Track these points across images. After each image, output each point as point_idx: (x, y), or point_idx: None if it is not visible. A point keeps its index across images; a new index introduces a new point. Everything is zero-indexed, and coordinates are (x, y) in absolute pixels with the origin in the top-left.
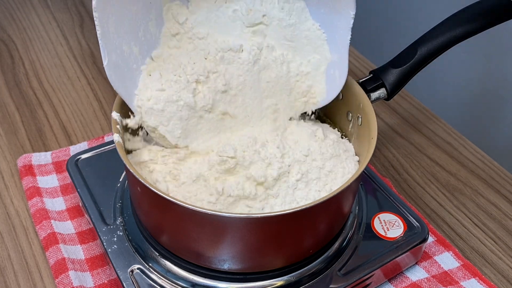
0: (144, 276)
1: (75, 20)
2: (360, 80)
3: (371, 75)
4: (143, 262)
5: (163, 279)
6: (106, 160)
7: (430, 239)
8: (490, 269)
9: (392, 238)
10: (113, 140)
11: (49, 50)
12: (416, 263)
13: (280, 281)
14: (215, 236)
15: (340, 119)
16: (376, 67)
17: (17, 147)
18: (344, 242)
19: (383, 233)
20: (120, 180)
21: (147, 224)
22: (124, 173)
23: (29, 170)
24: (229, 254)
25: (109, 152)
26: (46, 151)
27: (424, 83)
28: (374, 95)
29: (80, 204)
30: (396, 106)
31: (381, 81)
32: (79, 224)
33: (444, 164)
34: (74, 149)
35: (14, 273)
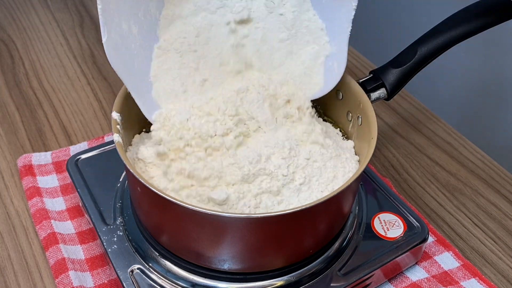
0: (144, 276)
1: (75, 20)
2: (360, 80)
3: (371, 75)
4: (143, 262)
5: (163, 279)
6: (106, 160)
7: (430, 239)
8: (490, 269)
9: (392, 238)
10: (113, 140)
11: (49, 50)
12: (416, 263)
13: (280, 281)
14: (215, 236)
15: (340, 119)
16: (376, 67)
17: (17, 147)
18: (344, 242)
19: (383, 233)
20: (120, 180)
21: (147, 224)
22: (124, 173)
23: (29, 170)
24: (229, 254)
25: (109, 152)
26: (46, 151)
27: (424, 83)
28: (374, 95)
29: (80, 204)
30: (396, 106)
31: (381, 81)
32: (79, 224)
33: (444, 164)
34: (74, 149)
35: (14, 273)
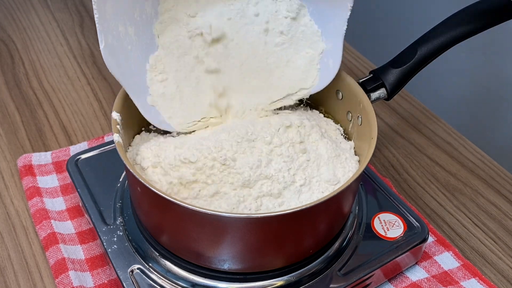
0: (144, 276)
1: (75, 20)
2: (360, 80)
3: (371, 75)
4: (143, 262)
5: (163, 279)
6: (106, 160)
7: (430, 239)
8: (490, 269)
9: (392, 238)
10: (113, 140)
11: (49, 50)
12: (416, 263)
13: (280, 281)
14: (215, 236)
15: (340, 119)
16: (376, 67)
17: (17, 147)
18: (344, 242)
19: (383, 233)
20: (120, 180)
21: (147, 224)
22: (124, 173)
23: (29, 170)
24: (229, 254)
25: (109, 152)
26: (46, 151)
27: (424, 83)
28: (374, 95)
29: (80, 204)
30: (396, 106)
31: (381, 81)
32: (79, 224)
33: (444, 164)
34: (74, 149)
35: (14, 273)
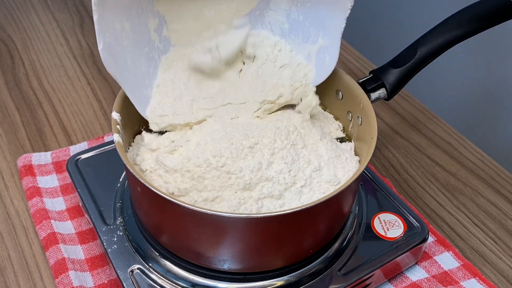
0: (144, 276)
1: (75, 20)
2: (360, 80)
3: (371, 75)
4: (143, 262)
5: (163, 279)
6: (106, 160)
7: (430, 239)
8: (490, 269)
9: (392, 238)
10: (113, 140)
11: (49, 50)
12: (416, 263)
13: (280, 281)
14: (215, 236)
15: (340, 119)
16: (376, 67)
17: (17, 147)
18: (344, 242)
19: (383, 233)
20: (120, 180)
21: (147, 224)
22: (124, 173)
23: (29, 170)
24: (229, 254)
25: (109, 152)
26: (46, 151)
27: (424, 83)
28: (374, 95)
29: (80, 204)
30: (396, 106)
31: (381, 81)
32: (79, 224)
33: (444, 164)
34: (74, 149)
35: (14, 273)
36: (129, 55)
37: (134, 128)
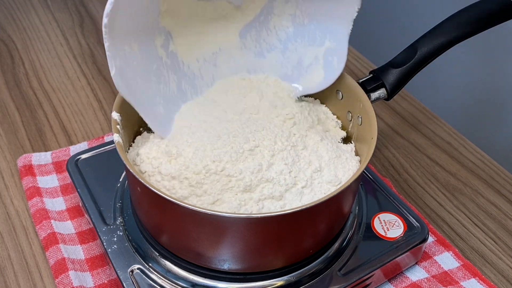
0: (144, 276)
1: (75, 20)
2: (360, 80)
3: (371, 75)
4: (143, 262)
5: (163, 279)
6: (106, 160)
7: (430, 239)
8: (490, 269)
9: (392, 238)
10: (113, 140)
11: (49, 50)
12: (416, 263)
13: (280, 281)
14: (215, 236)
15: (340, 119)
16: (376, 67)
17: (17, 147)
18: (344, 242)
19: (383, 233)
20: (120, 180)
21: (147, 224)
22: (124, 173)
23: (29, 170)
24: (229, 254)
25: (109, 152)
26: (46, 151)
27: (424, 83)
28: (374, 95)
29: (80, 204)
30: (396, 106)
31: (381, 81)
32: (79, 224)
33: (444, 164)
34: (74, 149)
35: (14, 273)
36: (139, 75)
37: (134, 128)
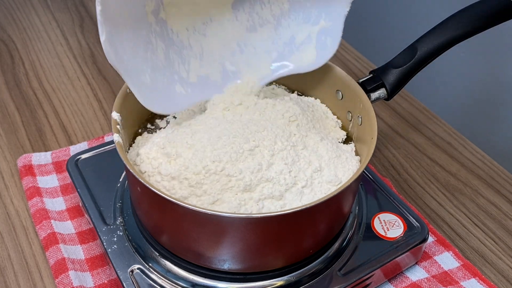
0: (144, 276)
1: (75, 20)
2: (360, 80)
3: (371, 75)
4: (143, 262)
5: (163, 279)
6: (106, 160)
7: (430, 239)
8: (490, 269)
9: (392, 238)
10: (113, 140)
11: (49, 50)
12: (416, 263)
13: (280, 281)
14: (215, 236)
15: (340, 119)
16: (376, 67)
17: (17, 147)
18: (344, 242)
19: (383, 233)
20: (120, 180)
21: (147, 224)
22: (124, 173)
23: (29, 170)
24: (229, 254)
25: (109, 152)
26: (46, 151)
27: (424, 83)
28: (374, 95)
29: (80, 204)
30: (396, 106)
31: (381, 81)
32: (79, 224)
33: (444, 164)
34: (74, 149)
35: (14, 273)
36: (128, 42)
37: (134, 128)
